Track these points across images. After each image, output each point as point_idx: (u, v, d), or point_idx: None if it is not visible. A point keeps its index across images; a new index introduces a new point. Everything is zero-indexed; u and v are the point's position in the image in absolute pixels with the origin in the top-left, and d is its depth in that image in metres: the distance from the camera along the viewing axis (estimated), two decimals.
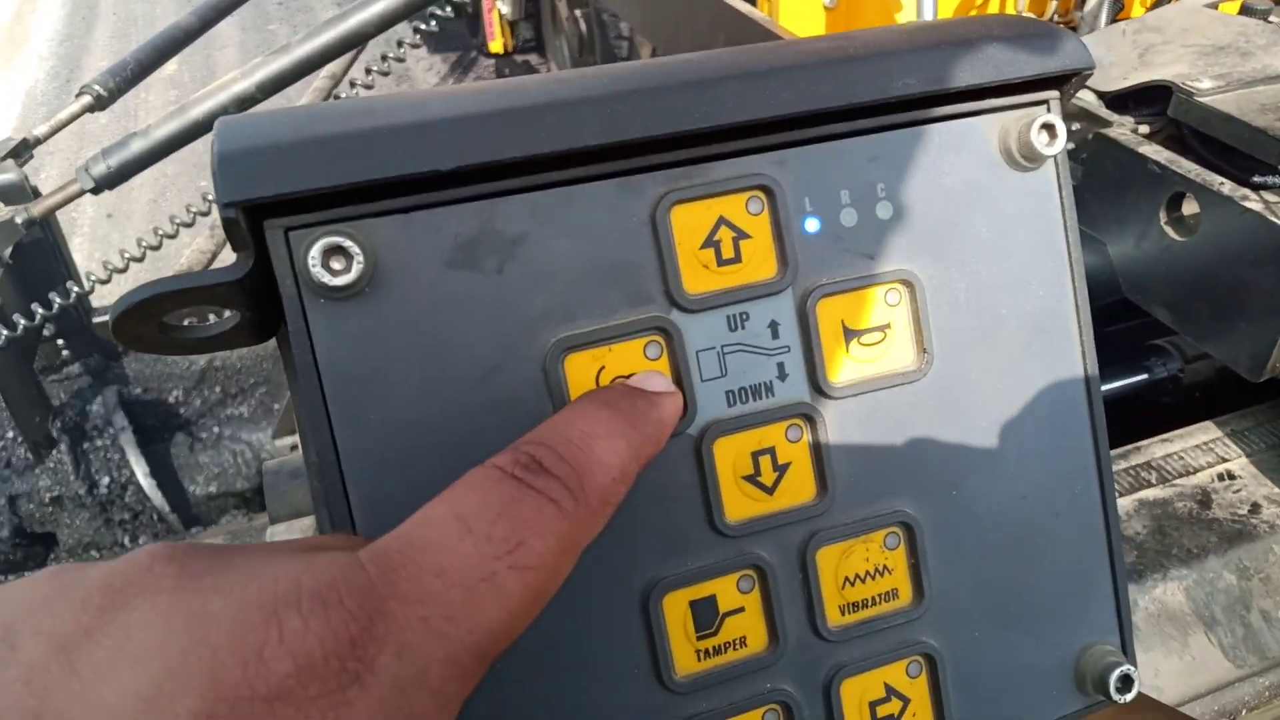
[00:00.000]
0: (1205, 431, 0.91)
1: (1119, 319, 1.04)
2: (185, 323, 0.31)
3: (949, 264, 0.34)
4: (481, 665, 0.22)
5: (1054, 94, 0.34)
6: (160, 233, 1.30)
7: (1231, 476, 0.89)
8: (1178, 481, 0.89)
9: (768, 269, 0.32)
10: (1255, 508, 0.85)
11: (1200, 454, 0.91)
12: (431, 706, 0.21)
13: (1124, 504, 0.84)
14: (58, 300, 1.16)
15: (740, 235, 0.32)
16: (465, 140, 0.28)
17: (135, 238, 1.31)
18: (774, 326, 0.33)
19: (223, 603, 0.20)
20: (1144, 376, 0.98)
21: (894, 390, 0.34)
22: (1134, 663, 0.36)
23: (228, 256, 0.30)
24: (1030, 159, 0.34)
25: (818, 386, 0.33)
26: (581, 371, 0.31)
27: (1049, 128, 0.33)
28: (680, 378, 0.32)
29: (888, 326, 0.34)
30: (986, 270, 0.34)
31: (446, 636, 0.21)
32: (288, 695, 0.19)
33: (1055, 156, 0.34)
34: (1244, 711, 0.79)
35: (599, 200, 0.31)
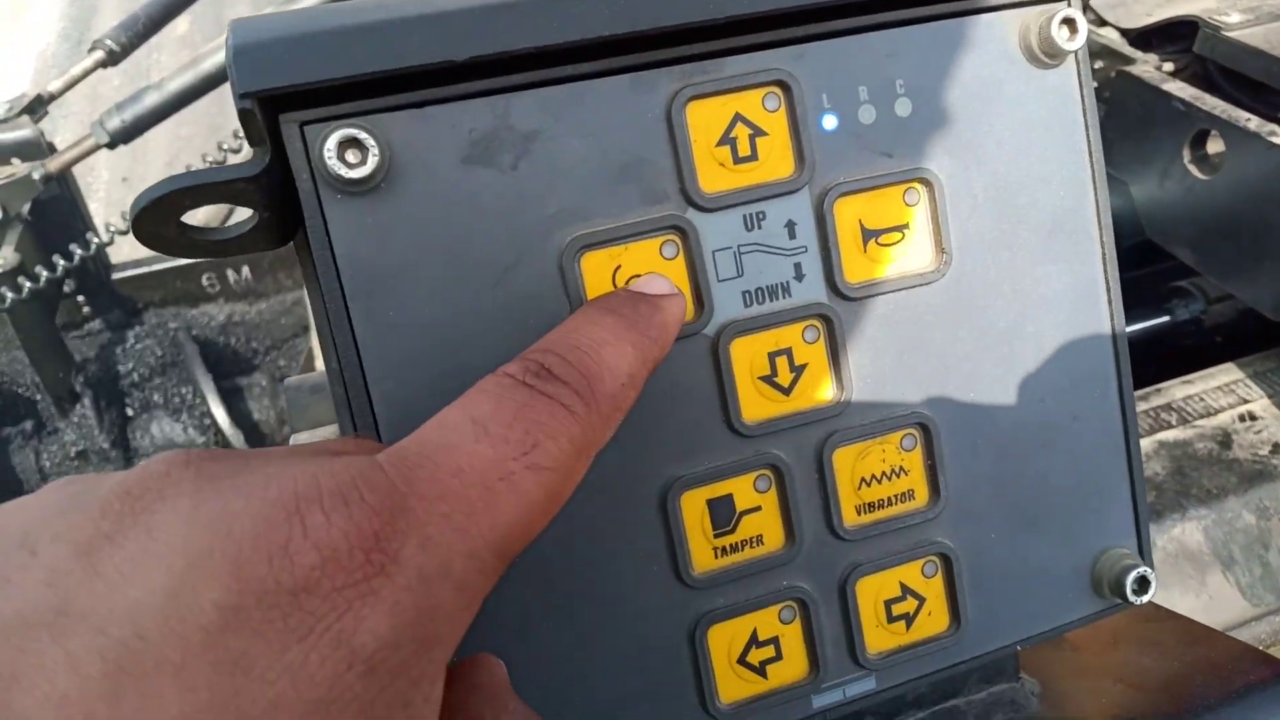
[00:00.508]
0: (1227, 373, 0.90)
1: (1141, 263, 1.02)
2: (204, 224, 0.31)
3: (968, 163, 0.33)
4: (502, 562, 0.22)
5: None
6: None
7: (1253, 417, 0.88)
8: (1199, 423, 0.88)
9: (785, 167, 0.32)
10: (1276, 448, 0.85)
11: (1221, 395, 0.91)
12: (455, 599, 0.21)
13: (1144, 445, 0.84)
14: (78, 251, 1.17)
15: (757, 132, 0.32)
16: (478, 31, 0.28)
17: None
18: (791, 226, 0.32)
19: (244, 502, 0.20)
20: (1166, 319, 0.97)
21: (912, 291, 0.33)
22: (1151, 565, 0.36)
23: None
24: (1051, 55, 0.33)
25: (835, 287, 0.33)
26: (598, 270, 0.31)
27: (1069, 22, 0.33)
28: (696, 277, 0.32)
29: (906, 226, 0.33)
30: (1006, 169, 0.34)
31: (467, 532, 0.21)
32: (314, 587, 0.19)
33: (1076, 52, 0.33)
34: (1260, 649, 0.79)
35: (613, 96, 0.30)
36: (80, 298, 1.41)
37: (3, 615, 0.18)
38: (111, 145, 1.21)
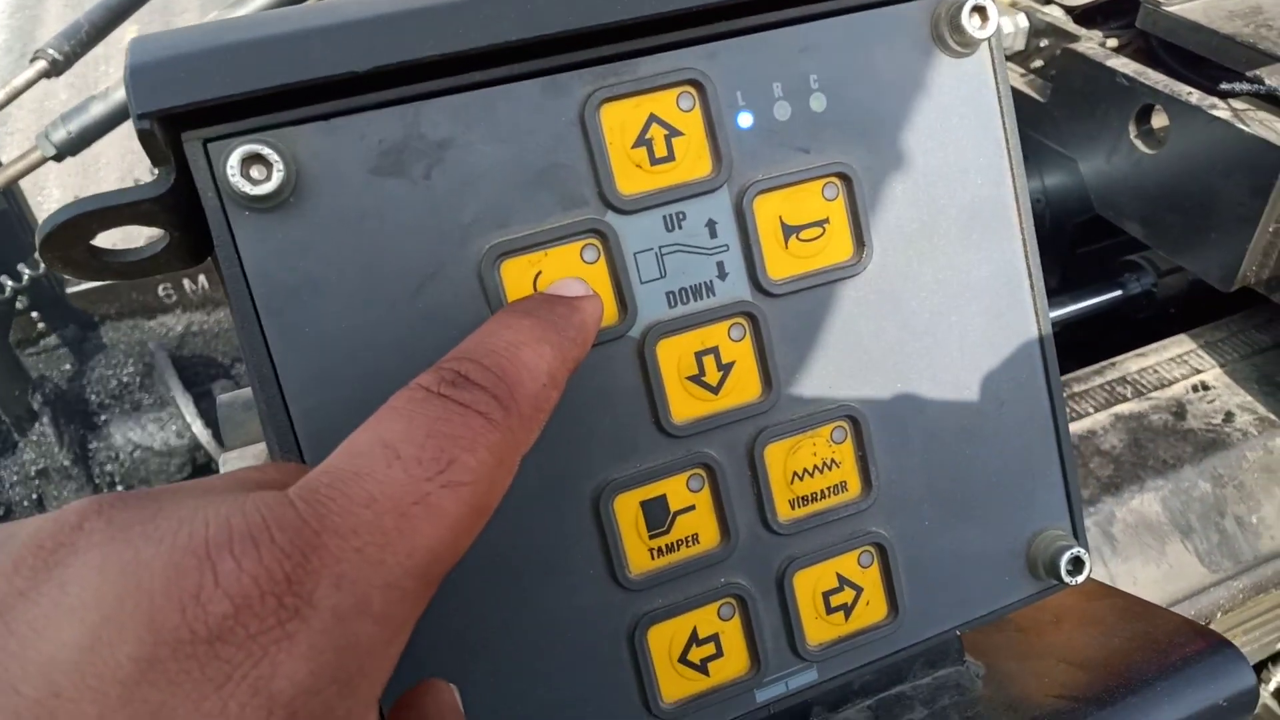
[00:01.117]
0: (1179, 345, 0.92)
1: (1092, 239, 1.04)
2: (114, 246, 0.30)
3: (886, 155, 0.34)
4: (427, 586, 0.22)
5: None
6: None
7: (1206, 387, 0.89)
8: (1153, 395, 0.89)
9: (702, 167, 0.32)
10: (1229, 416, 0.86)
11: (1174, 366, 0.92)
12: (377, 633, 0.21)
13: (1100, 419, 0.85)
14: (27, 271, 1.15)
15: (672, 133, 0.32)
16: (380, 40, 0.28)
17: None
18: (711, 225, 0.32)
19: (154, 550, 0.20)
20: (1118, 293, 0.98)
21: (835, 285, 0.34)
22: (1085, 545, 0.36)
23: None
24: (964, 44, 0.33)
25: (758, 284, 0.33)
26: (518, 277, 0.31)
27: (980, 10, 0.33)
28: (619, 280, 0.32)
29: (826, 221, 0.33)
30: (924, 160, 0.34)
31: (383, 563, 0.21)
32: (228, 635, 0.19)
33: (989, 40, 0.34)
34: (1219, 614, 0.81)
35: (524, 101, 0.30)
36: (35, 313, 1.39)
37: None
38: (59, 158, 1.19)
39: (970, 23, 0.33)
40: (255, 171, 0.28)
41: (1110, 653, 0.39)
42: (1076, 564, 0.36)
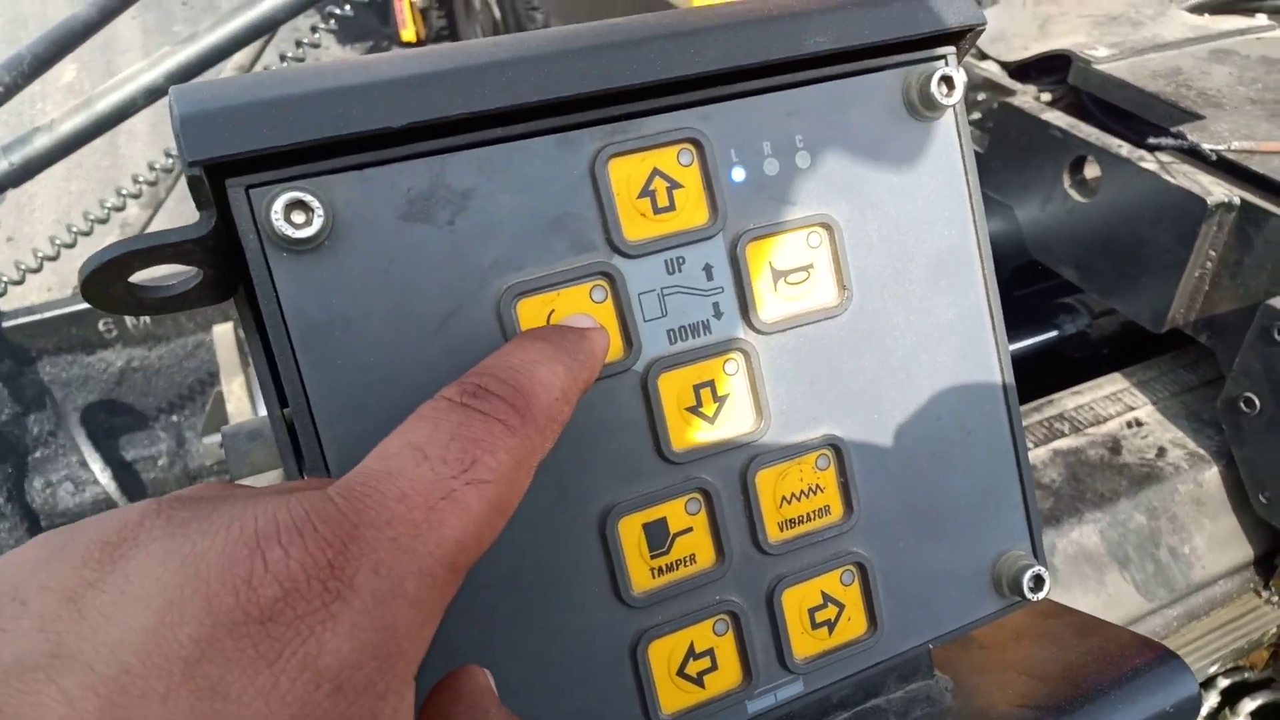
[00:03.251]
0: (1113, 383, 0.95)
1: (1029, 282, 1.09)
2: (151, 283, 0.32)
3: (863, 207, 0.37)
4: (455, 575, 0.24)
5: (951, 49, 0.37)
6: (74, 230, 1.27)
7: (1139, 424, 0.93)
8: (1089, 430, 0.92)
9: (700, 216, 0.35)
10: (1161, 451, 0.90)
11: (1109, 404, 0.96)
12: (412, 615, 0.23)
13: (1039, 454, 0.88)
14: None
15: (673, 185, 0.35)
16: (413, 98, 0.30)
17: (48, 237, 1.28)
18: (708, 269, 0.35)
19: (209, 543, 0.22)
20: (1054, 333, 1.03)
21: (819, 324, 0.37)
22: (1045, 564, 0.40)
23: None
24: (931, 109, 0.37)
25: (750, 323, 0.36)
26: (533, 316, 0.33)
27: (947, 80, 0.37)
28: (624, 318, 0.34)
29: (810, 266, 0.37)
30: (897, 212, 0.37)
31: (415, 552, 0.23)
32: (278, 615, 0.21)
33: (954, 106, 0.37)
34: (1147, 636, 0.84)
35: (541, 155, 0.33)
36: None
37: (2, 662, 0.20)
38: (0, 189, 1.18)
39: (938, 91, 0.36)
40: (297, 216, 0.30)
41: (1067, 665, 0.42)
42: (1038, 581, 0.39)
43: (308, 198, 0.30)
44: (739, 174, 0.35)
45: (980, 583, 0.40)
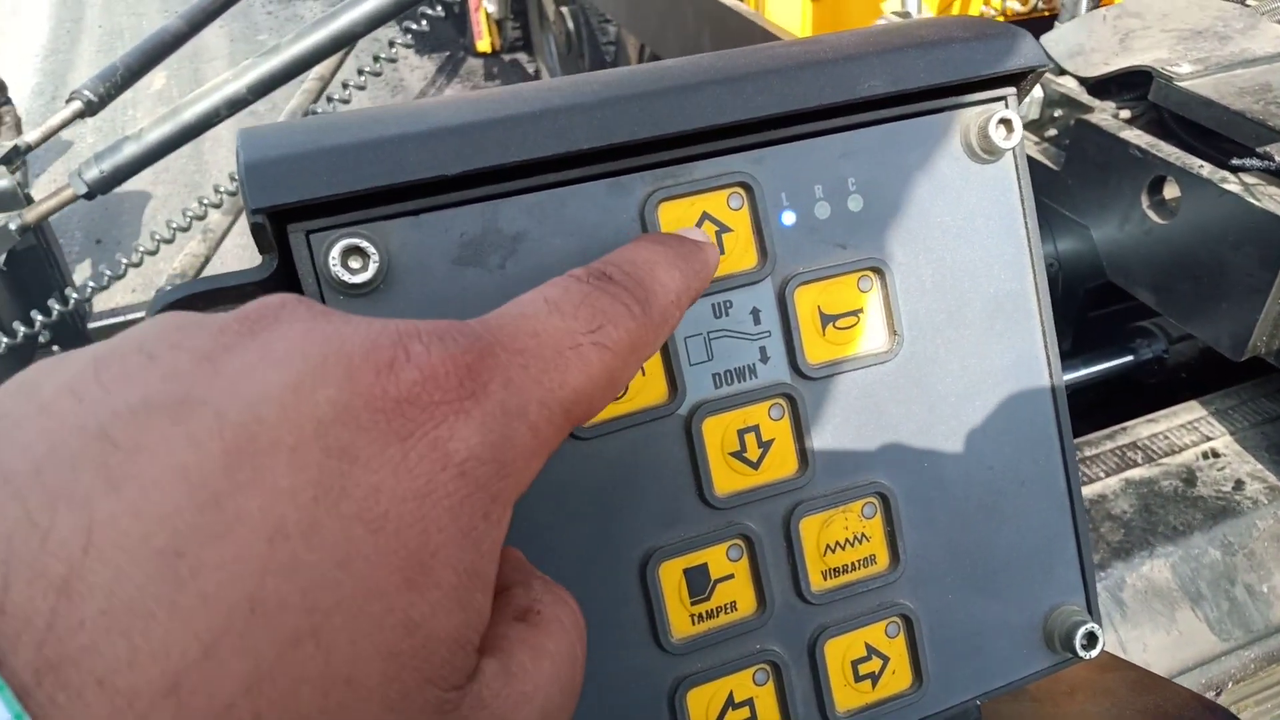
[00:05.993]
0: (1190, 411, 0.92)
1: (1104, 304, 1.06)
2: None
3: (916, 251, 0.36)
4: (568, 422, 0.25)
5: (1011, 90, 0.37)
6: (157, 238, 1.32)
7: (1216, 454, 0.90)
8: (1163, 460, 0.90)
9: (749, 259, 0.35)
10: (1239, 484, 0.86)
11: (1185, 433, 0.93)
12: (529, 438, 0.23)
13: (1111, 483, 0.86)
14: (57, 307, 1.18)
15: (723, 229, 0.35)
16: (468, 147, 0.31)
17: (133, 244, 1.33)
18: (755, 313, 0.35)
19: (353, 329, 0.23)
20: (1129, 358, 1.00)
21: (868, 370, 0.36)
22: (1099, 621, 0.39)
23: (220, 262, 0.32)
24: (989, 152, 0.36)
25: (797, 368, 0.36)
26: None
27: (1006, 123, 0.36)
28: (670, 362, 0.34)
29: (860, 311, 0.36)
30: (951, 257, 0.37)
31: (541, 384, 0.24)
32: (415, 399, 0.22)
33: (1013, 149, 0.36)
34: (1230, 684, 0.81)
35: (592, 199, 0.33)
36: (55, 348, 1.42)
37: (127, 401, 0.20)
38: (90, 195, 1.23)
39: (997, 134, 0.36)
40: (353, 262, 0.31)
41: None
42: (1090, 639, 0.38)
43: (364, 244, 0.30)
44: (789, 217, 0.35)
45: (1031, 638, 0.39)
